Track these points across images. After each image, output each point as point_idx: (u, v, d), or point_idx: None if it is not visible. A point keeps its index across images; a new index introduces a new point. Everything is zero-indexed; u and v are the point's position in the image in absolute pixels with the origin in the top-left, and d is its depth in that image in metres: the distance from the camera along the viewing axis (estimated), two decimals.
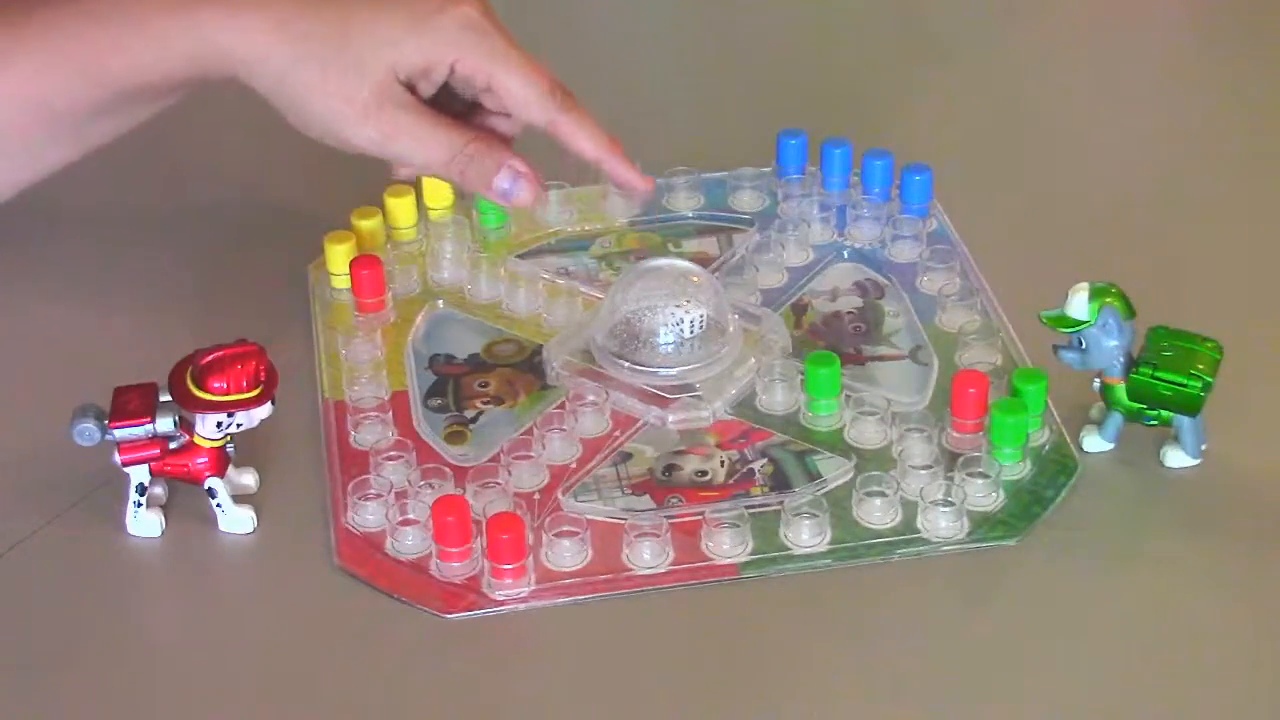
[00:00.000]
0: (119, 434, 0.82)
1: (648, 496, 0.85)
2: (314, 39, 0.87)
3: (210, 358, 0.81)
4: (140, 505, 0.84)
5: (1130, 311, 0.84)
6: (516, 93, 0.90)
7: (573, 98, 0.91)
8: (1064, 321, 0.84)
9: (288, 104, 0.89)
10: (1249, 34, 1.26)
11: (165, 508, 0.85)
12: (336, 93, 0.87)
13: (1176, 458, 0.86)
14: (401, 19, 0.88)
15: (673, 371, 0.91)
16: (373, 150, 0.90)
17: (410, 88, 0.89)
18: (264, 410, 0.82)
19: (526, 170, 0.90)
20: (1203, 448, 0.85)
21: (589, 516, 0.83)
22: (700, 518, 0.83)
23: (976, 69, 1.23)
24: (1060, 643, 0.78)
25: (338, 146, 0.92)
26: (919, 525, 0.83)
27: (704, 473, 0.86)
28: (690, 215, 1.05)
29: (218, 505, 0.84)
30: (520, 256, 1.01)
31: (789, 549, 0.82)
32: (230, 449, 0.84)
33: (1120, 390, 0.85)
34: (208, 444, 0.83)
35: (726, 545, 0.82)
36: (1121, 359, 0.84)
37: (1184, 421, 0.85)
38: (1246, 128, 1.15)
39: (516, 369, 0.93)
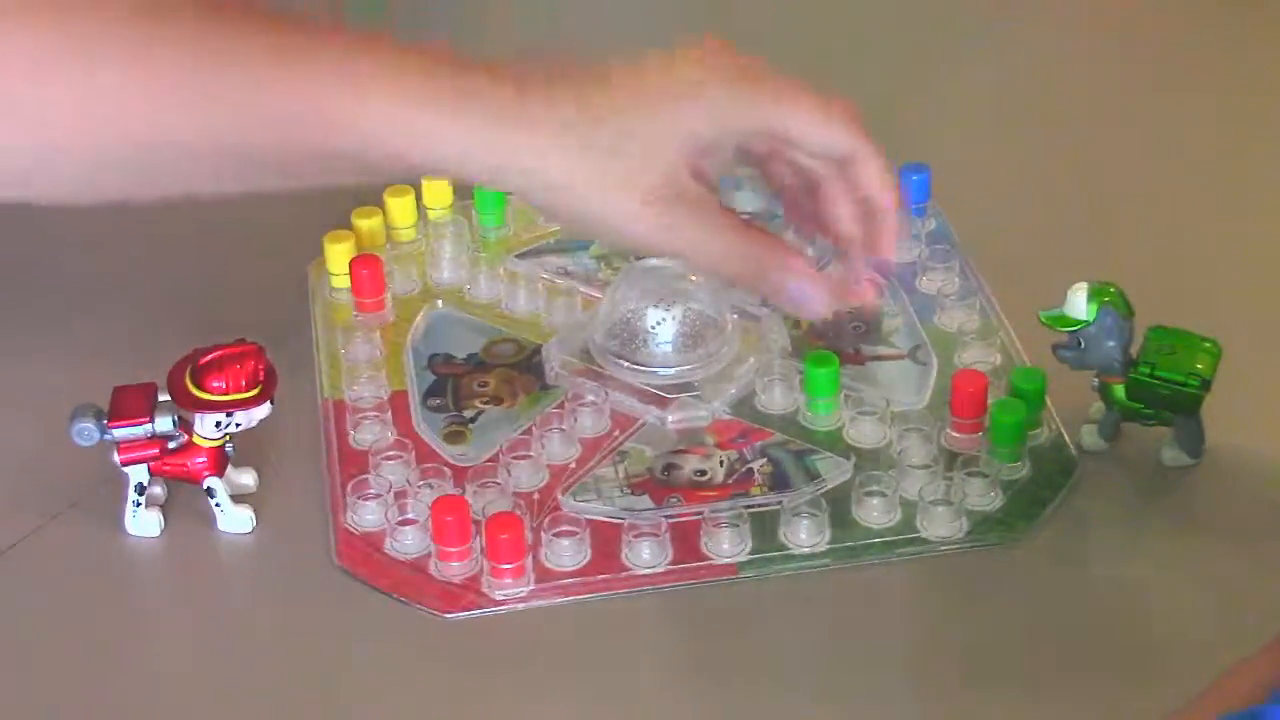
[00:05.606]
0: (118, 434, 0.82)
1: (647, 496, 0.85)
2: (590, 140, 0.74)
3: (209, 357, 0.81)
4: (139, 505, 0.84)
5: (1129, 311, 0.84)
6: (815, 124, 0.76)
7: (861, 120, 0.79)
8: (1063, 321, 0.84)
9: (556, 207, 0.76)
10: (1249, 33, 1.26)
11: (164, 507, 0.85)
12: (619, 193, 0.74)
13: (1175, 457, 0.86)
14: (671, 100, 0.75)
15: (672, 371, 0.91)
16: (649, 249, 0.80)
17: (697, 171, 0.76)
18: (263, 410, 0.82)
19: (817, 277, 0.77)
20: (1202, 447, 0.85)
21: (588, 516, 0.83)
22: (699, 517, 0.83)
23: (976, 69, 1.23)
24: (1060, 643, 0.78)
25: (607, 242, 0.84)
26: (918, 525, 0.83)
27: (703, 472, 0.86)
28: None
29: (217, 505, 0.84)
30: (520, 256, 1.01)
31: (788, 549, 0.82)
32: (229, 449, 0.84)
33: (1119, 389, 0.85)
34: (207, 444, 0.83)
35: (725, 545, 0.82)
36: (1120, 358, 0.84)
37: (1183, 421, 0.85)
38: (1247, 127, 1.15)
39: (516, 369, 0.93)
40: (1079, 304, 0.83)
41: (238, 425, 0.82)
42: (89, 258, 1.02)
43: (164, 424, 0.82)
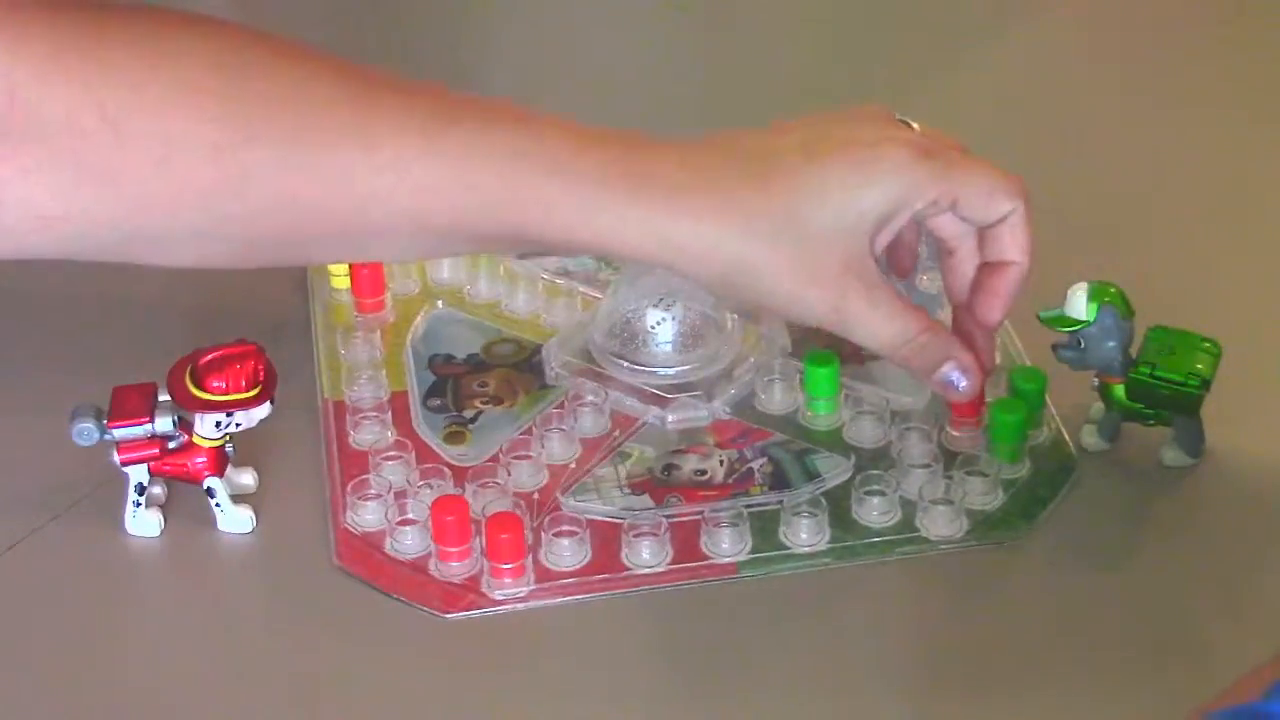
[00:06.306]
0: (118, 434, 0.82)
1: (647, 496, 0.85)
2: (762, 227, 0.73)
3: (209, 357, 0.81)
4: (139, 505, 0.84)
5: (1129, 310, 0.84)
6: (985, 192, 0.76)
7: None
8: (1063, 321, 0.84)
9: (722, 290, 0.77)
10: (1250, 33, 1.26)
11: (164, 507, 0.85)
12: (790, 277, 0.74)
13: (1175, 457, 0.86)
14: (846, 177, 0.74)
15: (672, 371, 0.91)
16: (817, 324, 0.79)
17: (872, 247, 0.76)
18: (263, 410, 0.82)
19: (973, 364, 0.78)
20: (1202, 447, 0.85)
21: (588, 516, 0.83)
22: (699, 517, 0.83)
23: (976, 69, 1.23)
24: (1060, 643, 0.78)
25: (775, 315, 0.87)
26: (918, 524, 0.83)
27: (703, 472, 0.86)
28: None
29: (217, 505, 0.84)
30: (520, 256, 1.01)
31: (788, 548, 0.82)
32: (229, 449, 0.84)
33: (1119, 390, 0.85)
34: (207, 444, 0.83)
35: (725, 544, 0.82)
36: (1120, 358, 0.84)
37: (1183, 421, 0.85)
38: (1247, 127, 1.15)
39: (516, 369, 0.94)
40: (1079, 304, 0.83)
41: (238, 425, 0.82)
42: None
43: (164, 424, 0.82)
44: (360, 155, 0.71)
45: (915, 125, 0.77)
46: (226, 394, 0.81)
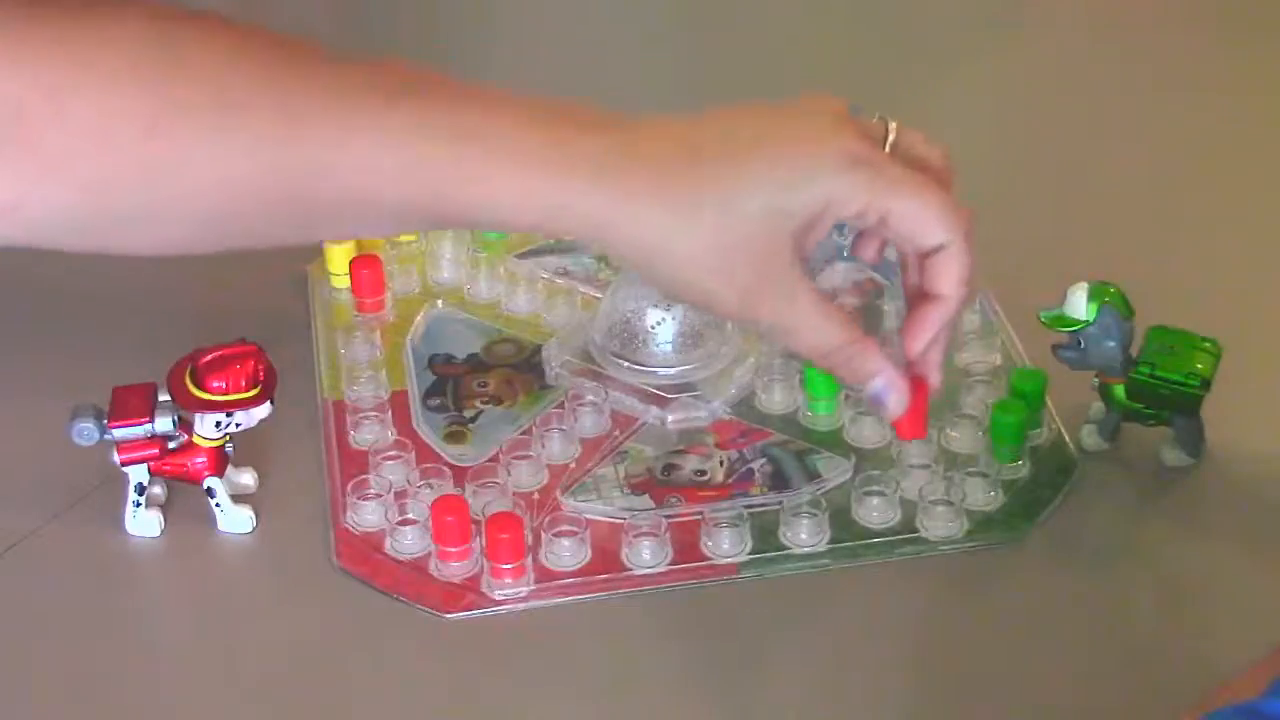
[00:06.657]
0: (118, 434, 0.82)
1: (647, 496, 0.85)
2: (688, 205, 0.71)
3: (209, 357, 0.81)
4: (139, 505, 0.84)
5: (1129, 310, 0.84)
6: (916, 216, 0.72)
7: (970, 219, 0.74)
8: (1063, 321, 0.84)
9: (652, 272, 0.72)
10: (1248, 34, 1.26)
11: (164, 507, 0.85)
12: (713, 268, 0.71)
13: (1175, 457, 0.86)
14: (774, 173, 0.71)
15: (672, 371, 0.91)
16: (738, 321, 0.77)
17: (795, 245, 0.72)
18: (263, 410, 0.82)
19: (899, 384, 0.74)
20: (1202, 447, 0.85)
21: (588, 516, 0.83)
22: (699, 517, 0.83)
23: (976, 70, 1.23)
24: (1059, 642, 0.78)
25: (695, 307, 0.84)
26: (918, 525, 0.83)
27: (703, 472, 0.86)
28: None
29: (217, 505, 0.84)
30: (520, 256, 1.01)
31: (788, 548, 0.82)
32: (229, 449, 0.84)
33: (1119, 389, 0.85)
34: (207, 444, 0.83)
35: (725, 545, 0.82)
36: (1120, 358, 0.84)
37: (1183, 421, 0.85)
38: (1246, 127, 1.15)
39: (516, 369, 0.94)
40: (1079, 304, 0.83)
41: (238, 425, 0.82)
42: (89, 257, 1.02)
43: (164, 424, 0.82)
44: (300, 133, 0.70)
45: (893, 124, 0.74)
46: (226, 394, 0.81)
